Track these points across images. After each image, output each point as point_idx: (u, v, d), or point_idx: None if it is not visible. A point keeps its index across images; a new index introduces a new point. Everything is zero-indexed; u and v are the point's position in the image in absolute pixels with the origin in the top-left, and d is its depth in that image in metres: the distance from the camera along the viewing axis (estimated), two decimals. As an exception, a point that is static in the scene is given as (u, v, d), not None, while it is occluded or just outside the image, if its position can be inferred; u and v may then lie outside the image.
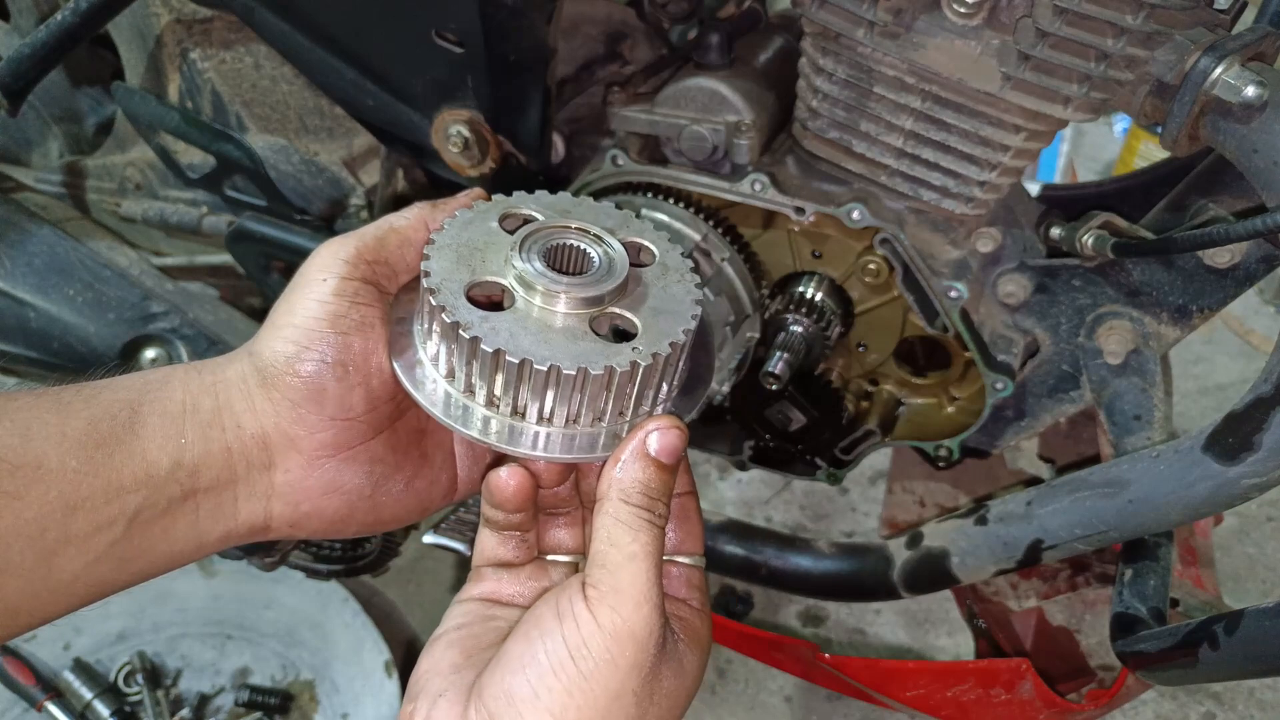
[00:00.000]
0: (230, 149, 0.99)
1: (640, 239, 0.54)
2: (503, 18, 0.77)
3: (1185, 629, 0.74)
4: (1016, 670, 0.88)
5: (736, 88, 0.83)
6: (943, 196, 0.80)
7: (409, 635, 1.60)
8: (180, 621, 1.53)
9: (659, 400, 0.52)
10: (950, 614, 1.64)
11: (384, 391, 0.53)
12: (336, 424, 0.52)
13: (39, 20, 1.13)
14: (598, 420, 0.50)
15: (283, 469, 0.52)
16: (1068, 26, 0.66)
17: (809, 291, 0.88)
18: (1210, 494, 0.67)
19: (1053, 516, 0.77)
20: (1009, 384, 0.85)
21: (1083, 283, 0.84)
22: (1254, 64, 0.64)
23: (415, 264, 0.55)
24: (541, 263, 0.50)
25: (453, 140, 0.87)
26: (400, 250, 0.55)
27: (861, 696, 1.04)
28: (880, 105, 0.78)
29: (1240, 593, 1.67)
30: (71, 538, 0.46)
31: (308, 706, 1.46)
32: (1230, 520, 1.75)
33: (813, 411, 0.94)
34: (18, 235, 1.05)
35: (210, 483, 0.50)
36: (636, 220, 0.55)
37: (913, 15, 0.71)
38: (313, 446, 0.52)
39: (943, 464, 0.95)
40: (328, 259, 0.53)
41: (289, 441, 0.52)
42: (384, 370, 0.53)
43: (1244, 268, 0.78)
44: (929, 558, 0.86)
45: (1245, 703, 1.51)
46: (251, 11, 0.89)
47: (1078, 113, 0.70)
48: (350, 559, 1.12)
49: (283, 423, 0.51)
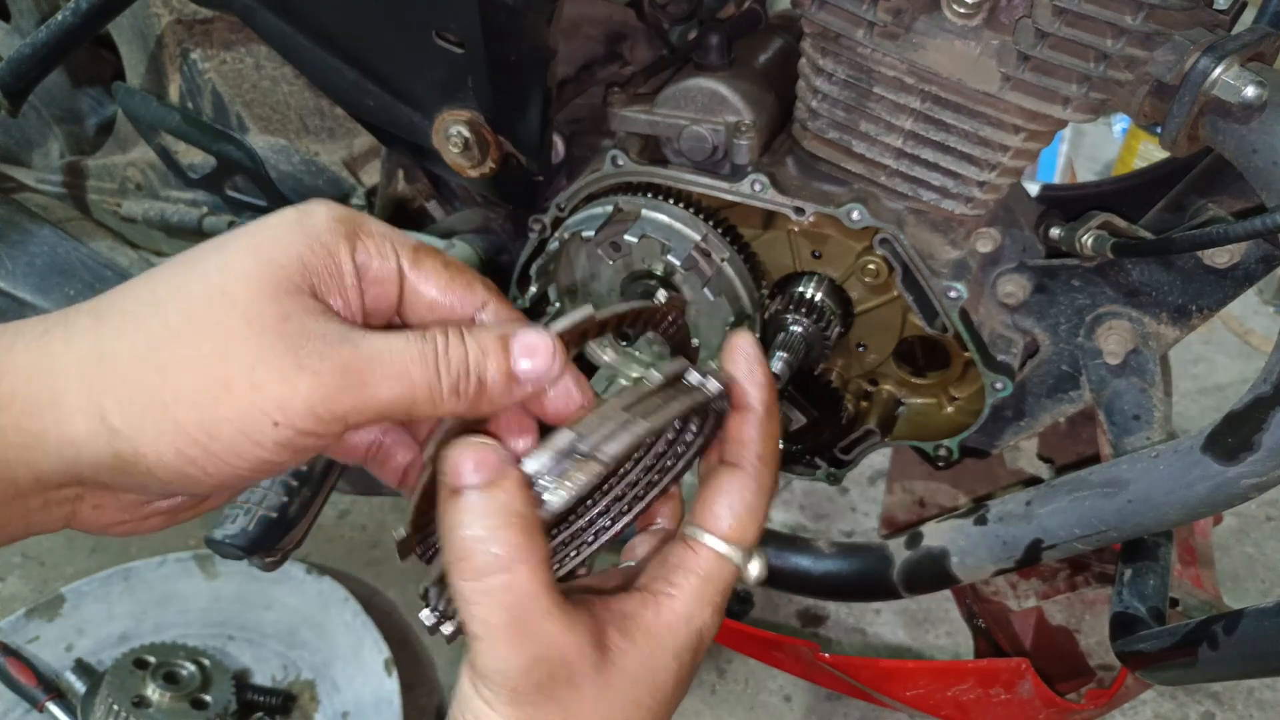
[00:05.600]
0: (231, 149, 0.99)
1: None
2: (503, 18, 0.77)
3: (1184, 629, 0.74)
4: (1016, 670, 0.88)
5: (736, 88, 0.83)
6: (942, 197, 0.80)
7: (409, 635, 1.60)
8: (181, 623, 1.53)
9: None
10: (950, 614, 1.64)
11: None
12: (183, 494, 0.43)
13: (40, 21, 1.13)
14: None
15: (91, 505, 0.42)
16: (1067, 27, 0.66)
17: (808, 292, 0.88)
18: (1209, 494, 0.67)
19: (1052, 516, 0.77)
20: (1008, 384, 0.85)
21: (1082, 283, 0.84)
22: (1253, 64, 0.64)
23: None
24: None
25: (453, 141, 0.87)
26: (398, 415, 0.42)
27: (861, 696, 1.04)
28: (880, 106, 0.78)
29: (1240, 592, 1.67)
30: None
31: (308, 706, 1.46)
32: (1230, 520, 1.75)
33: (812, 411, 0.94)
34: (19, 235, 1.05)
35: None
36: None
37: (912, 16, 0.72)
38: (137, 500, 0.43)
39: (942, 464, 0.95)
40: (297, 401, 0.38)
41: (109, 494, 0.42)
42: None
43: (1243, 268, 0.78)
44: (928, 557, 0.86)
45: (1244, 703, 1.51)
46: (252, 12, 0.89)
47: (1077, 113, 0.70)
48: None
49: (113, 488, 0.41)
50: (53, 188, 1.26)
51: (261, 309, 0.38)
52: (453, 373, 0.41)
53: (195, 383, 0.38)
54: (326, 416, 0.39)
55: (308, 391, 0.38)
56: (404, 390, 0.40)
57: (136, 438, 0.38)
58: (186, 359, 0.38)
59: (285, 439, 0.39)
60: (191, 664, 1.38)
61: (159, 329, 0.39)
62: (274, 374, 0.38)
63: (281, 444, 0.39)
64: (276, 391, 0.38)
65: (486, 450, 0.40)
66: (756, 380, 0.47)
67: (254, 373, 0.38)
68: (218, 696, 1.36)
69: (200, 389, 0.38)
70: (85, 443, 0.38)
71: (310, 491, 0.95)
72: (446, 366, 0.41)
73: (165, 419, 0.38)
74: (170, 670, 1.36)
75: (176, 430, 0.38)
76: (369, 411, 0.40)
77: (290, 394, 0.38)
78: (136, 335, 0.39)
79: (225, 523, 0.92)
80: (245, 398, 0.38)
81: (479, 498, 0.39)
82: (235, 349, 0.38)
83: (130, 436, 0.38)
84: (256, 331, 0.38)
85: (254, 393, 0.38)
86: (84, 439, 0.38)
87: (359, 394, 0.39)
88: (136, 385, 0.38)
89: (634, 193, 0.88)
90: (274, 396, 0.38)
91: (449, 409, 0.41)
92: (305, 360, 0.38)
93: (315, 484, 0.95)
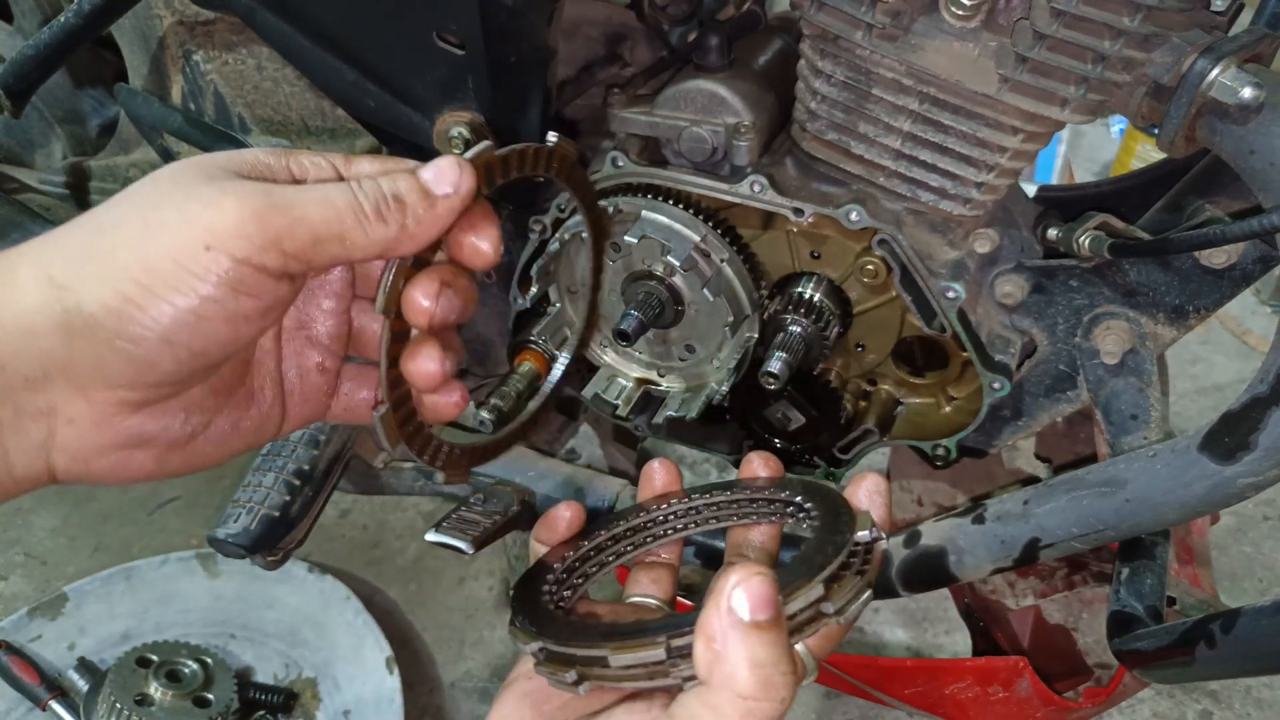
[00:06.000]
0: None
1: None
2: (503, 19, 0.77)
3: (1182, 627, 0.75)
4: (1014, 668, 0.89)
5: (736, 89, 0.84)
6: (940, 198, 0.81)
7: (410, 633, 1.61)
8: (183, 622, 1.54)
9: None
10: (948, 612, 1.64)
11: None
12: (144, 382, 0.41)
13: (42, 22, 1.13)
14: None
15: (65, 418, 0.41)
16: (1065, 29, 0.66)
17: (807, 292, 0.89)
18: (1207, 493, 0.68)
19: (1050, 515, 0.77)
20: (1006, 384, 0.86)
21: (1080, 283, 0.84)
22: (1251, 65, 0.65)
23: (344, 260, 0.44)
24: None
25: (454, 141, 0.87)
26: (334, 249, 0.42)
27: (860, 694, 1.05)
28: (878, 107, 0.78)
29: (1237, 591, 1.67)
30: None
31: (310, 704, 1.46)
32: (1227, 519, 1.75)
33: (811, 411, 0.95)
34: (21, 236, 1.05)
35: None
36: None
37: (911, 18, 0.72)
38: (107, 401, 0.41)
39: (940, 463, 0.95)
40: (226, 221, 0.39)
41: (76, 389, 0.40)
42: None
43: (1240, 268, 0.79)
44: (927, 556, 0.86)
45: (1242, 701, 1.52)
46: (253, 13, 0.89)
47: (1075, 114, 0.70)
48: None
49: (74, 370, 0.40)
50: (55, 189, 1.27)
51: (187, 172, 0.42)
52: (371, 198, 0.43)
53: (131, 229, 0.40)
54: (259, 239, 0.40)
55: (235, 211, 0.40)
56: (330, 213, 0.42)
57: (79, 287, 0.39)
58: (123, 215, 0.41)
59: (223, 270, 0.40)
60: (194, 662, 1.38)
61: (104, 209, 0.42)
62: (201, 203, 0.40)
63: (221, 276, 0.40)
64: (205, 216, 0.40)
65: (770, 586, 0.40)
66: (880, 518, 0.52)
67: (182, 209, 0.40)
68: (220, 695, 1.36)
69: (134, 232, 0.40)
70: (37, 310, 0.39)
71: (312, 491, 0.95)
72: (364, 194, 0.43)
73: (104, 265, 0.40)
74: (172, 669, 1.36)
75: (115, 271, 0.39)
76: (301, 235, 0.41)
77: (218, 216, 0.40)
78: (86, 218, 0.42)
79: (227, 521, 0.92)
80: (176, 229, 0.40)
81: (773, 636, 0.39)
82: (162, 200, 0.41)
83: (74, 287, 0.39)
84: (181, 184, 0.41)
85: (184, 223, 0.40)
86: (35, 306, 0.39)
87: (286, 214, 0.41)
88: (80, 245, 0.41)
89: (634, 194, 0.88)
90: (203, 221, 0.40)
91: (379, 235, 0.43)
92: (230, 189, 0.40)
93: (317, 483, 0.96)
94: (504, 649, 1.60)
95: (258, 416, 0.49)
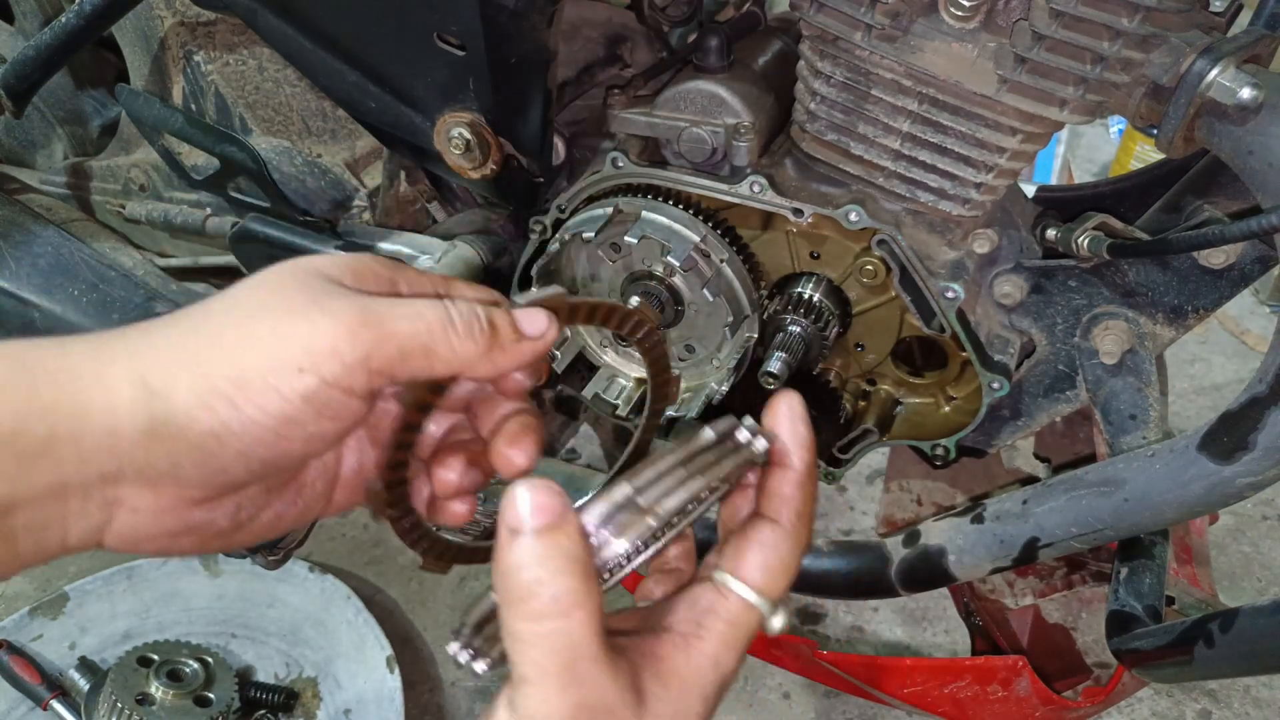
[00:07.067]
0: (234, 151, 1.00)
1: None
2: (504, 20, 0.78)
3: (1181, 627, 0.75)
4: (1013, 667, 0.89)
5: (735, 90, 0.84)
6: (939, 198, 0.81)
7: (411, 632, 1.61)
8: (185, 620, 1.54)
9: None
10: (947, 611, 1.65)
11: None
12: (213, 484, 0.42)
13: (43, 23, 1.14)
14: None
15: (129, 508, 0.41)
16: (1064, 29, 0.67)
17: (807, 292, 0.89)
18: (1205, 493, 0.68)
19: (1049, 515, 0.78)
20: (1005, 384, 0.86)
21: (1078, 283, 0.84)
22: (1249, 66, 0.65)
23: (431, 371, 0.43)
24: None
25: (454, 142, 0.87)
26: (419, 362, 0.43)
27: (859, 693, 1.05)
28: (877, 108, 0.78)
29: (1236, 591, 1.67)
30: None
31: (311, 703, 1.47)
32: (1226, 519, 1.75)
33: (811, 411, 0.95)
34: (23, 236, 1.06)
35: (30, 522, 0.39)
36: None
37: (910, 18, 0.72)
38: (172, 496, 0.42)
39: (940, 463, 0.95)
40: (320, 342, 0.40)
41: (146, 483, 0.41)
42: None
43: (1239, 268, 0.79)
44: (926, 556, 0.86)
45: (1241, 700, 1.52)
46: (254, 14, 0.89)
47: (1074, 115, 0.71)
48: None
49: (150, 470, 0.40)
50: (56, 189, 1.27)
51: (287, 283, 0.42)
52: (464, 316, 0.43)
53: (227, 340, 0.41)
54: (349, 359, 0.40)
55: (329, 329, 0.40)
56: (420, 327, 0.42)
57: (170, 394, 0.40)
58: (220, 324, 0.41)
59: (310, 389, 0.40)
60: (195, 662, 1.38)
61: (201, 315, 0.42)
62: (298, 321, 0.40)
63: (307, 396, 0.40)
64: (301, 333, 0.40)
65: (549, 493, 0.39)
66: (800, 440, 0.49)
67: (279, 324, 0.40)
68: (221, 694, 1.36)
69: (230, 344, 0.41)
70: (125, 409, 0.39)
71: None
72: (457, 311, 0.43)
73: (198, 373, 0.40)
74: (173, 668, 1.36)
75: (206, 382, 0.40)
76: (389, 351, 0.41)
77: (312, 333, 0.40)
78: (182, 317, 0.42)
79: (229, 521, 0.92)
80: (271, 345, 0.40)
81: (541, 541, 0.39)
82: (261, 312, 0.41)
83: (165, 394, 0.40)
84: (280, 295, 0.41)
85: (279, 340, 0.40)
86: (124, 405, 0.39)
87: (378, 330, 0.41)
88: (176, 350, 0.41)
89: (634, 194, 0.88)
90: (300, 340, 0.40)
91: (465, 351, 0.43)
92: (327, 305, 0.41)
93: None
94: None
95: (303, 507, 0.49)
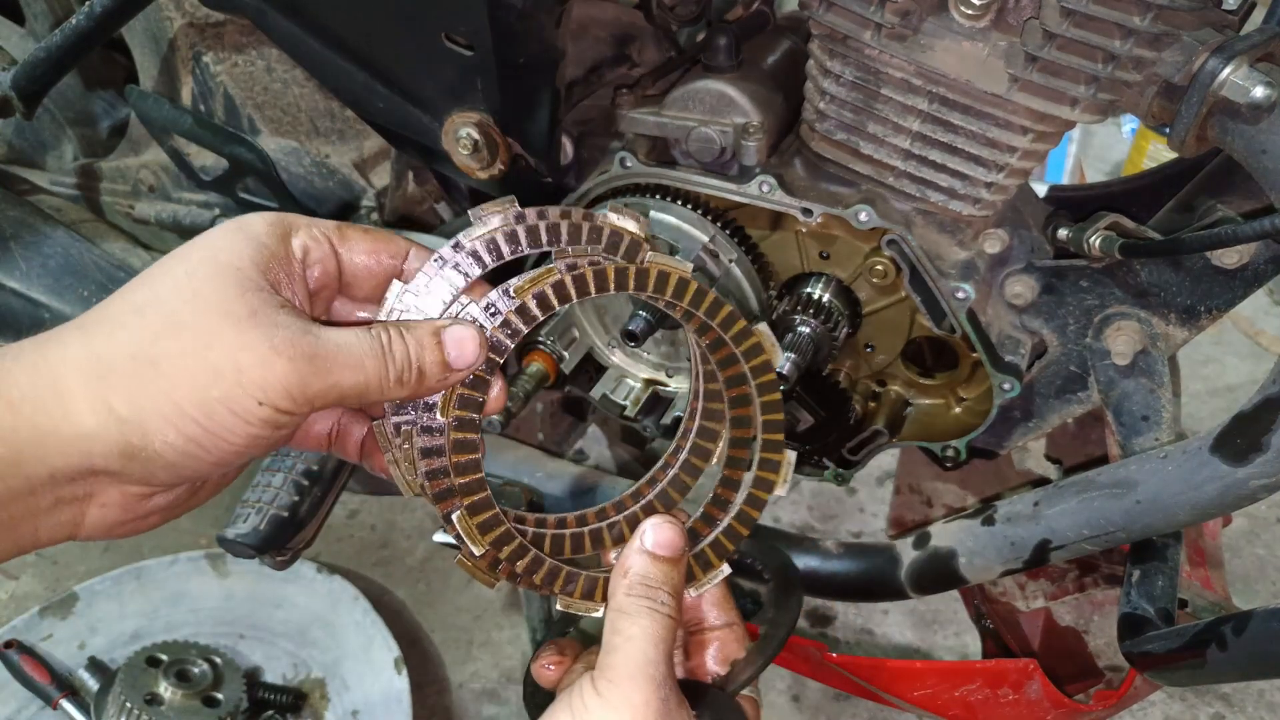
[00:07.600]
0: (242, 151, 1.00)
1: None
2: (512, 20, 0.77)
3: (1193, 630, 0.74)
4: (1024, 670, 0.88)
5: (744, 90, 0.84)
6: (950, 198, 0.80)
7: (418, 633, 1.61)
8: (193, 621, 1.54)
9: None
10: (958, 614, 1.64)
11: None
12: (178, 482, 0.49)
13: (54, 25, 1.14)
14: None
15: (98, 504, 0.47)
16: (1075, 28, 0.66)
17: (816, 292, 0.89)
18: (1218, 495, 0.67)
19: (1060, 517, 0.77)
20: (1016, 385, 0.85)
21: (1090, 283, 0.84)
22: (1262, 64, 0.64)
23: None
24: None
25: (462, 142, 0.87)
26: (354, 401, 0.51)
27: (869, 696, 1.04)
28: (887, 107, 0.78)
29: (1249, 594, 1.66)
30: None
31: (319, 704, 1.47)
32: (1239, 521, 1.74)
33: (820, 412, 0.95)
34: (33, 237, 1.06)
35: (3, 520, 0.44)
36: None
37: (920, 17, 0.72)
38: (140, 493, 0.48)
39: (950, 464, 0.95)
40: (275, 381, 0.45)
41: (115, 484, 0.46)
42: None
43: (1252, 268, 0.78)
44: (936, 558, 0.86)
45: (1255, 704, 1.51)
46: (263, 15, 0.89)
47: (1085, 114, 0.70)
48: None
49: (124, 477, 0.46)
50: (66, 190, 1.28)
51: (231, 306, 0.45)
52: (398, 365, 0.49)
53: (189, 372, 0.45)
54: (300, 398, 0.46)
55: (284, 374, 0.45)
56: (360, 379, 0.48)
57: (144, 423, 0.44)
58: (176, 352, 0.45)
59: (268, 416, 0.46)
60: (203, 662, 1.39)
61: (145, 331, 0.45)
62: (255, 360, 0.45)
63: (266, 420, 0.46)
64: (259, 374, 0.45)
65: (678, 534, 0.56)
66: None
67: (237, 360, 0.45)
68: (229, 694, 1.37)
69: (194, 376, 0.45)
70: (97, 434, 0.44)
71: (320, 491, 0.96)
72: (393, 360, 0.49)
73: (167, 405, 0.44)
74: (182, 668, 1.37)
75: (178, 413, 0.44)
76: (332, 396, 0.48)
77: (270, 376, 0.45)
78: (126, 337, 0.45)
79: (237, 522, 0.92)
80: (233, 381, 0.45)
81: (671, 567, 0.55)
82: (216, 342, 0.45)
83: (138, 423, 0.44)
84: (232, 325, 0.45)
85: (240, 376, 0.45)
86: (95, 431, 0.44)
87: (325, 379, 0.47)
88: (136, 379, 0.44)
89: (642, 194, 0.88)
90: (257, 379, 0.45)
91: (394, 395, 0.50)
92: (280, 348, 0.45)
93: (326, 483, 0.96)
94: (512, 650, 1.60)
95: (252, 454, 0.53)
